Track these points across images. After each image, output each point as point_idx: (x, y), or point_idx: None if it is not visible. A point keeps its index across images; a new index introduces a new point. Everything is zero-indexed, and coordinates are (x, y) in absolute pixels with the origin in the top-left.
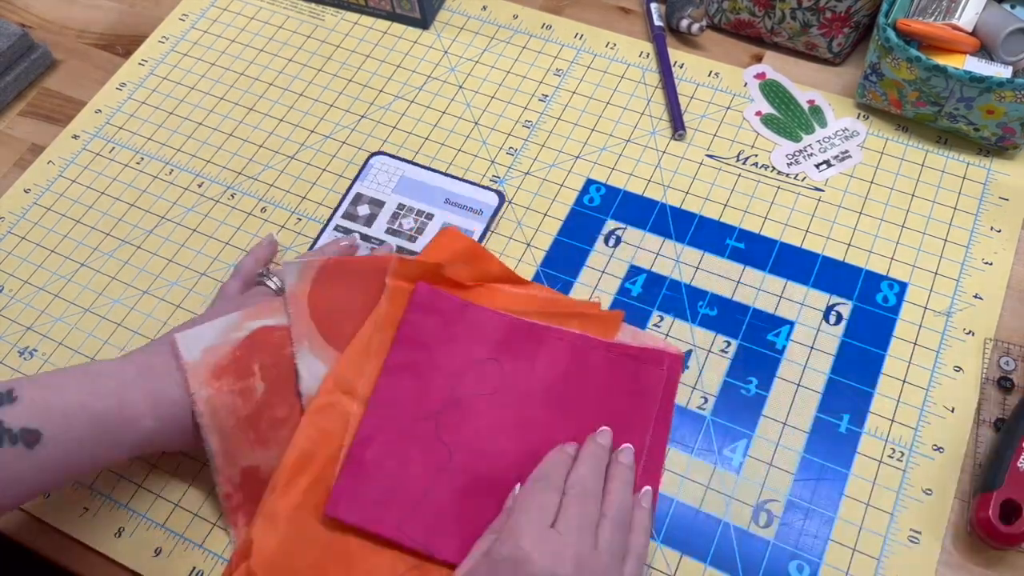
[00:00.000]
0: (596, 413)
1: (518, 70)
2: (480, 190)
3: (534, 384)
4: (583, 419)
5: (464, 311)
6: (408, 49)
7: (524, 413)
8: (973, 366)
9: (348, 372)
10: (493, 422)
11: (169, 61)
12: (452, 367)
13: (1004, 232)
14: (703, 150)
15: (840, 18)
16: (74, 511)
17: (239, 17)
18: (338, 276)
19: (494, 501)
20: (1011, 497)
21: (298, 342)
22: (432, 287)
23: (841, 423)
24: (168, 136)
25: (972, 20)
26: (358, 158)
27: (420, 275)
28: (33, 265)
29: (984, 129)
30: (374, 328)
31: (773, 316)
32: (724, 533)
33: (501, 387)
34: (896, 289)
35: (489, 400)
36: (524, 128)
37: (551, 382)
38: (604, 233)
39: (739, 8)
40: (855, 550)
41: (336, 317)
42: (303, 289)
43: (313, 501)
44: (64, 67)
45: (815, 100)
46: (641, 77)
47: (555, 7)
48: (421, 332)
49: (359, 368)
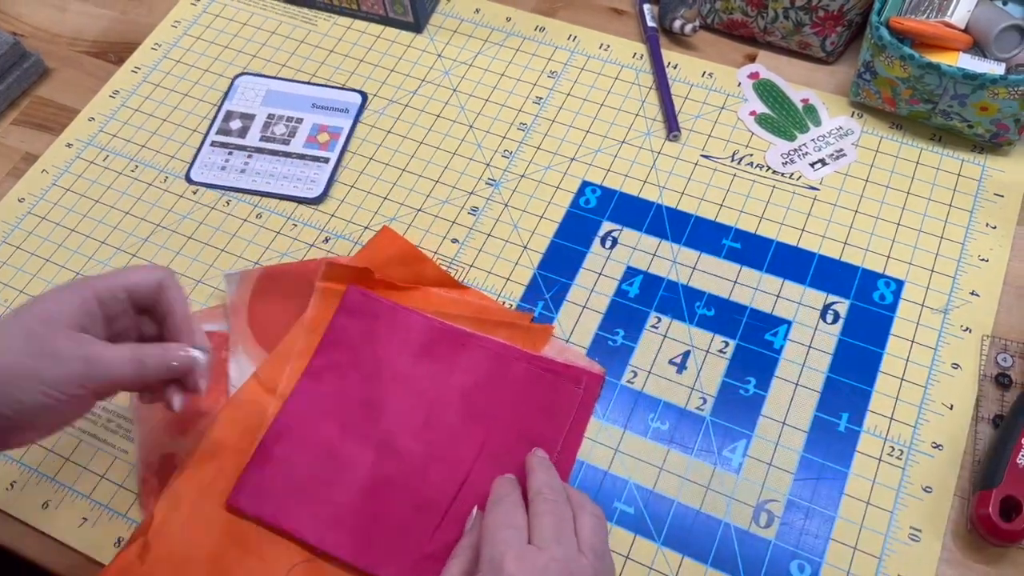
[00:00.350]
0: (509, 423)
1: (512, 73)
2: (344, 92)
3: (452, 389)
4: (496, 427)
5: (393, 314)
6: (402, 53)
7: (438, 417)
8: (971, 363)
9: (272, 371)
10: (406, 425)
11: (162, 68)
12: (374, 369)
13: (999, 228)
14: (698, 150)
15: (833, 17)
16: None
17: (231, 23)
18: (276, 283)
19: (398, 501)
20: (1011, 494)
21: (233, 345)
22: (362, 290)
23: (840, 422)
24: (162, 143)
25: (964, 17)
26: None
27: (350, 278)
28: (28, 275)
29: (978, 126)
30: (301, 330)
31: (770, 316)
32: (725, 534)
33: (419, 390)
34: (893, 287)
35: (406, 403)
36: (519, 131)
37: (469, 388)
38: (600, 235)
39: (732, 8)
40: (856, 549)
41: (271, 322)
42: (243, 299)
43: (219, 487)
44: (57, 75)
45: (809, 99)
46: (635, 78)
47: (548, 9)
48: (347, 334)
49: (282, 368)
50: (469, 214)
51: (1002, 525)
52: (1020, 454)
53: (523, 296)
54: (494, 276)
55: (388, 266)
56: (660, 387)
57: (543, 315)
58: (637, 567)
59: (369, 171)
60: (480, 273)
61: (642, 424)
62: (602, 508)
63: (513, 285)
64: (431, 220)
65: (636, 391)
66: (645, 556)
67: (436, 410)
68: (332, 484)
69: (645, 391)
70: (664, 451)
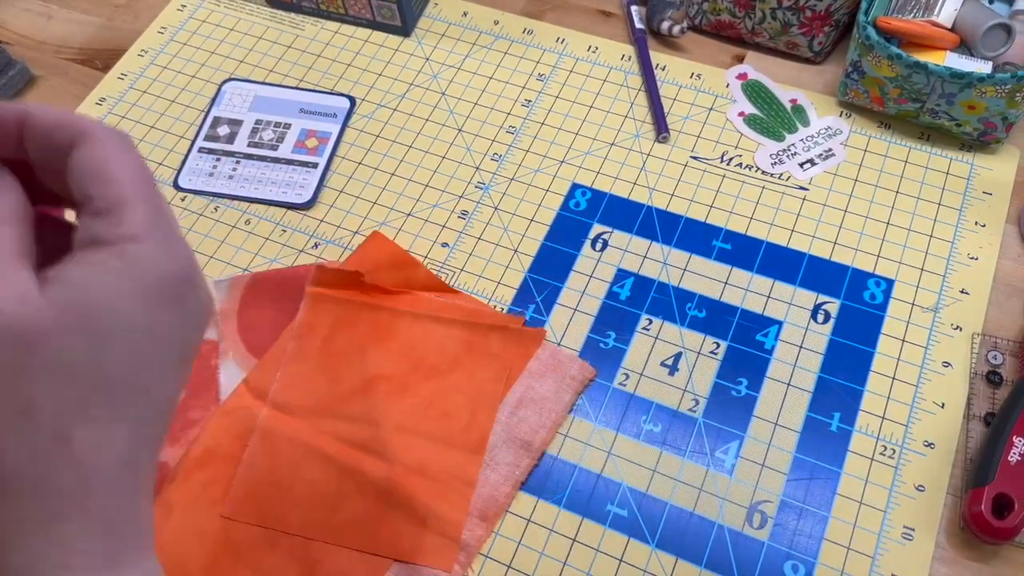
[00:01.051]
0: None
1: (500, 75)
2: (332, 96)
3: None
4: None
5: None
6: (390, 57)
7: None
8: (962, 361)
9: (261, 378)
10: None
11: (149, 75)
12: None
13: (988, 227)
14: (687, 152)
15: (820, 17)
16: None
17: (218, 29)
18: (265, 289)
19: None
20: (1003, 491)
21: (223, 354)
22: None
23: (832, 422)
24: (150, 150)
25: (951, 16)
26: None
27: (341, 282)
28: None
29: (966, 124)
30: (291, 335)
31: (761, 316)
32: (718, 536)
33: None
34: (883, 286)
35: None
36: (508, 134)
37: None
38: (591, 237)
39: (719, 9)
40: (849, 548)
41: (261, 328)
42: (232, 305)
43: (210, 496)
44: (43, 83)
45: (797, 99)
46: (623, 80)
47: (536, 12)
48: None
49: (272, 374)
50: (459, 218)
51: (995, 523)
52: (1012, 451)
53: (514, 300)
54: (485, 280)
55: (378, 270)
56: (652, 389)
57: (534, 318)
58: (631, 570)
59: (358, 176)
60: (471, 277)
61: (635, 426)
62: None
63: (504, 288)
64: (421, 224)
65: (628, 393)
66: (639, 559)
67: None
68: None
69: (637, 393)
70: (657, 453)
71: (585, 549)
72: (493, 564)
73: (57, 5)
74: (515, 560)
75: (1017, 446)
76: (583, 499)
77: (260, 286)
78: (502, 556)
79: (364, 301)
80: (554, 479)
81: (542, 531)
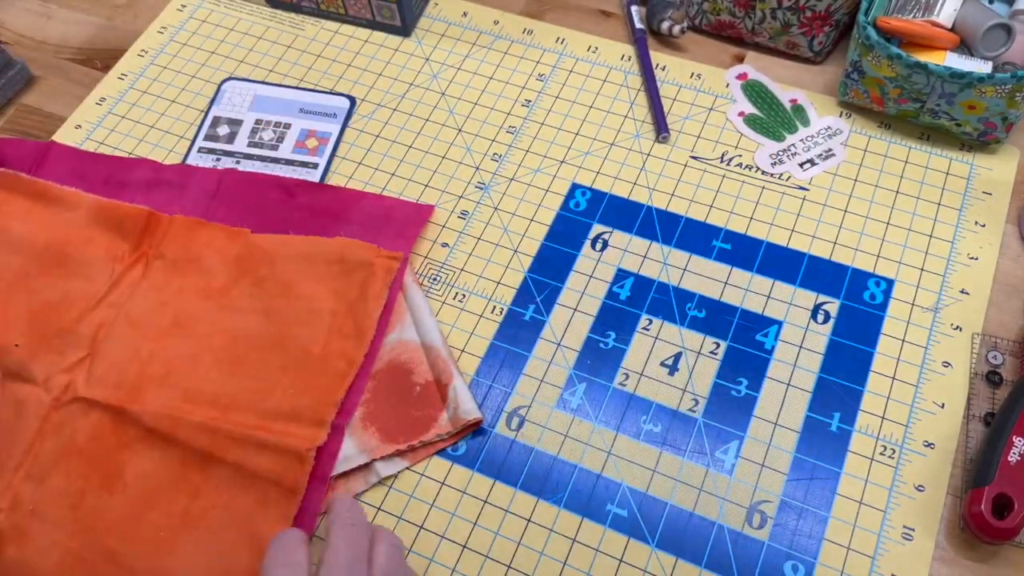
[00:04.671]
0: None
1: (500, 75)
2: (332, 96)
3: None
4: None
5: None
6: (389, 57)
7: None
8: (962, 361)
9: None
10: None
11: (149, 75)
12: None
13: (988, 227)
14: (687, 152)
15: (820, 17)
16: None
17: (218, 29)
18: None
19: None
20: (1003, 491)
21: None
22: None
23: (832, 422)
24: (150, 150)
25: (951, 16)
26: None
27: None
28: None
29: (966, 124)
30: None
31: (761, 316)
32: (719, 536)
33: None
34: (883, 286)
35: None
36: (508, 134)
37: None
38: (591, 237)
39: (719, 9)
40: (849, 548)
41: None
42: None
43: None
44: (43, 83)
45: (797, 99)
46: (623, 80)
47: (536, 12)
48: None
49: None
50: (459, 218)
51: (995, 523)
52: (1012, 452)
53: (514, 300)
54: (484, 280)
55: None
56: (652, 389)
57: (534, 318)
58: (631, 570)
59: (358, 176)
60: (471, 277)
61: (635, 426)
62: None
63: (504, 288)
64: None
65: (628, 393)
66: (639, 559)
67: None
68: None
69: (637, 393)
70: (657, 453)
71: (585, 549)
72: (493, 564)
73: (57, 5)
74: (515, 560)
75: (1017, 446)
76: (583, 499)
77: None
78: (502, 556)
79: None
80: (554, 479)
81: (542, 531)
